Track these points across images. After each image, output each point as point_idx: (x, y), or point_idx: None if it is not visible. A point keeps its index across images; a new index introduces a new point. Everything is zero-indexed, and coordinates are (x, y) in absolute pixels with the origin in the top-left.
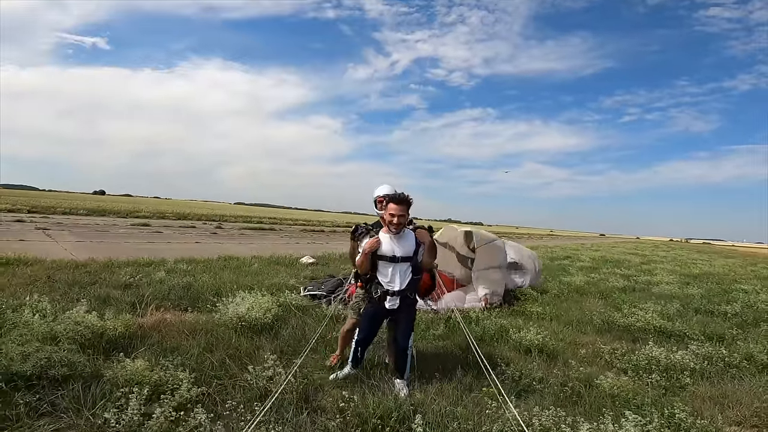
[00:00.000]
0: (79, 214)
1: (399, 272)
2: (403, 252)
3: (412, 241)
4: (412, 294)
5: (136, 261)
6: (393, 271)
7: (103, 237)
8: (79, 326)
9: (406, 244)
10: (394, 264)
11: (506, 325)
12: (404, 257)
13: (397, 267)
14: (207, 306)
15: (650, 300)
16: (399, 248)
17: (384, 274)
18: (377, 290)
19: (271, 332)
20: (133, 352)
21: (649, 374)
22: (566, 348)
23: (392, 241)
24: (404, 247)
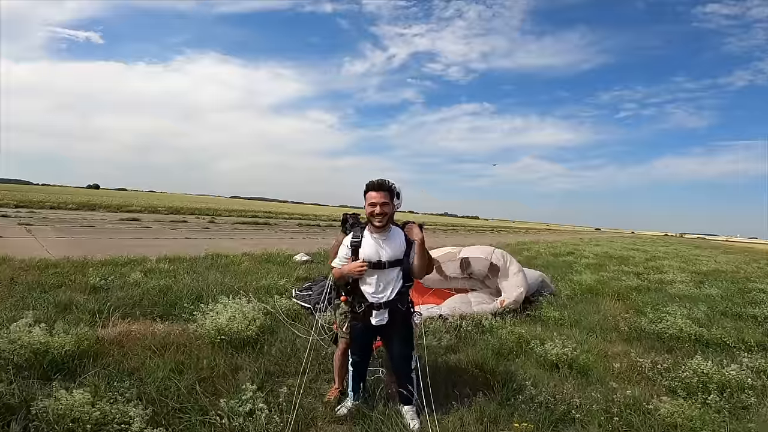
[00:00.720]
0: (68, 209)
1: (386, 280)
2: (391, 254)
3: (401, 241)
4: (405, 305)
5: (114, 260)
6: (379, 279)
7: (88, 233)
8: (14, 344)
9: (393, 244)
10: (379, 271)
11: (525, 334)
12: (392, 261)
13: (384, 274)
14: (183, 314)
15: (671, 301)
16: (385, 250)
17: (368, 283)
18: (361, 304)
19: (255, 348)
20: (83, 374)
21: (706, 394)
22: (597, 361)
23: (377, 243)
24: (392, 248)
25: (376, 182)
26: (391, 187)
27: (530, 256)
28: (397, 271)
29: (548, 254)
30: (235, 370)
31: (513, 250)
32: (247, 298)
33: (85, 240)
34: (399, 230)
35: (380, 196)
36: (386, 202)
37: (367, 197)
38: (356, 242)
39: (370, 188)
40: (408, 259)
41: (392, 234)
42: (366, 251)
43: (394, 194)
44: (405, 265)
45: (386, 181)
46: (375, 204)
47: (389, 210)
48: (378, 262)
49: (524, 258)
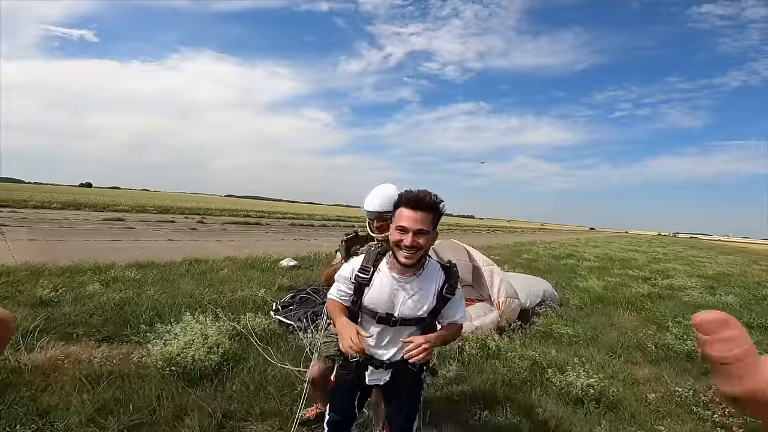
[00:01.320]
0: (52, 208)
1: (394, 337)
2: (412, 309)
3: (435, 288)
4: (416, 365)
5: (77, 266)
6: (383, 333)
7: (64, 234)
8: None
9: (421, 293)
10: (384, 326)
11: (539, 359)
12: (412, 318)
13: (393, 331)
14: (136, 336)
15: (690, 312)
16: (405, 301)
17: (367, 331)
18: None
19: (214, 381)
20: None
21: None
22: (626, 390)
23: (396, 287)
24: (417, 300)
25: (413, 195)
26: (438, 206)
27: (531, 259)
28: (414, 329)
29: (548, 257)
30: (182, 412)
31: (511, 251)
32: (215, 315)
33: (58, 242)
34: (436, 268)
35: (418, 218)
36: (424, 229)
37: (397, 216)
38: (364, 279)
39: (405, 203)
40: (434, 319)
41: (424, 277)
42: (374, 296)
43: (439, 217)
44: (429, 322)
45: (430, 195)
46: (407, 230)
47: (426, 242)
48: (388, 316)
49: (524, 261)
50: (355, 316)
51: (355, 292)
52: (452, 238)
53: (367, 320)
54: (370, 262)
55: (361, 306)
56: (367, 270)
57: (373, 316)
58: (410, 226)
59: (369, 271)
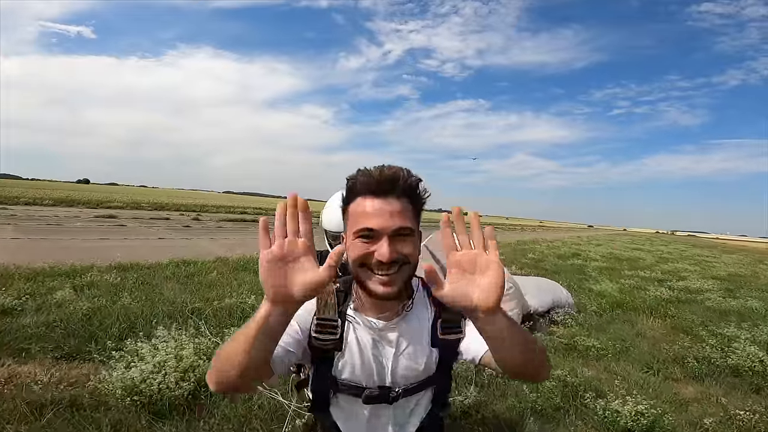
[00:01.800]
0: (44, 205)
1: (394, 417)
2: (412, 369)
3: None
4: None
5: (51, 269)
6: (376, 414)
7: (51, 232)
8: None
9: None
10: (384, 406)
11: (570, 379)
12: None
13: (391, 408)
14: (98, 354)
15: (720, 319)
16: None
17: (351, 423)
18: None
19: (186, 414)
20: None
21: None
22: (676, 413)
23: (375, 343)
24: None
25: (378, 175)
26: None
27: (536, 259)
28: (420, 397)
29: (554, 256)
30: None
31: (515, 250)
32: (196, 327)
33: (42, 241)
34: (423, 294)
35: (393, 209)
36: (407, 227)
37: (352, 214)
38: (328, 343)
39: (366, 189)
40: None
41: (416, 310)
42: (354, 364)
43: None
44: (441, 381)
45: (403, 171)
46: (372, 233)
47: (414, 250)
48: (379, 391)
49: (530, 261)
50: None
51: (318, 365)
52: None
53: (348, 402)
54: (332, 309)
55: (334, 383)
56: (333, 325)
57: (358, 395)
58: (383, 227)
59: (336, 326)
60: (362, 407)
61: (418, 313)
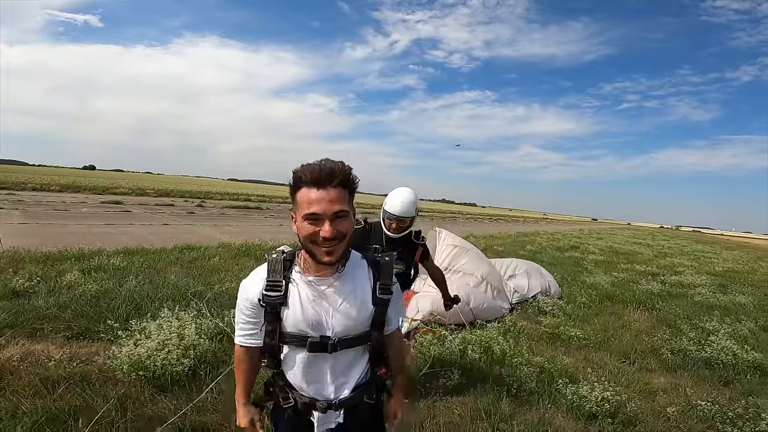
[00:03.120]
0: (51, 191)
1: (334, 367)
2: (348, 321)
3: (366, 287)
4: (375, 395)
5: (60, 253)
6: (318, 364)
7: (58, 217)
8: None
9: (352, 295)
10: (320, 354)
11: (547, 366)
12: (349, 338)
13: (330, 359)
14: (105, 333)
15: (705, 314)
16: (336, 311)
17: (298, 372)
18: (287, 395)
19: (186, 388)
20: None
21: None
22: (642, 401)
23: (317, 297)
24: (350, 305)
25: (318, 168)
26: (351, 177)
27: (534, 251)
28: (357, 352)
29: (552, 248)
30: (146, 425)
31: (514, 241)
32: (198, 310)
33: (50, 226)
34: (361, 262)
35: (332, 196)
36: (344, 210)
37: (300, 201)
38: (275, 297)
39: (309, 181)
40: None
41: (349, 273)
42: (296, 316)
43: (354, 189)
44: (375, 343)
45: (339, 163)
46: (320, 217)
47: (349, 227)
48: (320, 339)
49: (528, 253)
50: (275, 351)
51: (269, 320)
52: (454, 226)
53: (295, 351)
54: (278, 274)
55: (282, 335)
56: (278, 285)
57: (303, 344)
58: (325, 211)
59: (280, 285)
60: (305, 357)
61: (353, 275)
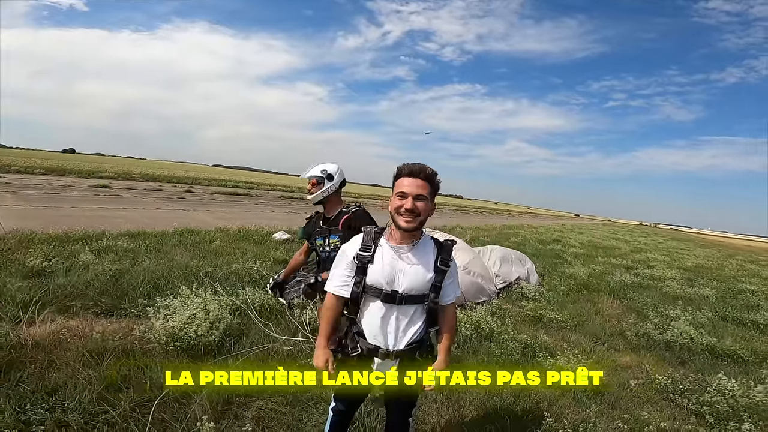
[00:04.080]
0: (36, 173)
1: (398, 320)
2: (415, 281)
3: (430, 261)
4: (424, 354)
5: (67, 235)
6: (387, 315)
7: (50, 200)
8: None
9: (418, 265)
10: (389, 305)
11: (530, 342)
12: (413, 294)
13: (396, 311)
14: (134, 309)
15: (671, 303)
16: (407, 272)
17: (370, 319)
18: (356, 345)
19: (217, 356)
20: None
21: (740, 423)
22: (610, 375)
23: (394, 256)
24: (417, 270)
25: (413, 166)
26: (435, 178)
27: (518, 242)
28: (417, 309)
29: (535, 241)
30: (190, 389)
31: (499, 233)
32: (213, 288)
33: (44, 209)
34: (430, 243)
35: (418, 184)
36: (423, 195)
37: (397, 185)
38: (365, 256)
39: (403, 173)
40: (437, 295)
41: (421, 247)
42: (377, 271)
43: (436, 191)
44: (432, 300)
45: (427, 167)
46: (406, 195)
47: (425, 208)
48: (392, 293)
49: (512, 244)
50: (357, 300)
51: (358, 273)
52: (441, 218)
53: (371, 300)
54: (370, 240)
55: (365, 286)
56: (368, 248)
57: (378, 295)
58: (410, 191)
59: (370, 248)
60: (379, 305)
61: (423, 249)
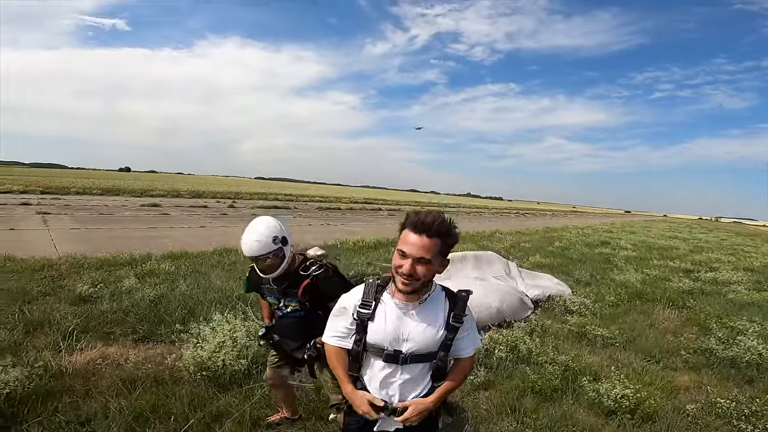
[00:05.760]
0: (93, 194)
1: (402, 378)
2: (422, 341)
3: (442, 316)
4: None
5: (114, 258)
6: (390, 374)
7: (103, 221)
8: None
9: (426, 323)
10: (393, 365)
11: (572, 364)
12: (419, 354)
13: (400, 370)
14: (170, 335)
15: (737, 313)
16: (413, 331)
17: (372, 377)
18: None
19: (243, 386)
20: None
21: None
22: (664, 399)
23: (399, 315)
24: (422, 331)
25: (421, 219)
26: (449, 232)
27: (563, 247)
28: (423, 368)
29: (582, 244)
30: (213, 420)
31: (542, 237)
32: (244, 313)
33: (98, 231)
34: (441, 296)
35: (421, 244)
36: (425, 258)
37: (401, 238)
38: (365, 314)
39: (410, 226)
40: (446, 353)
41: (430, 303)
42: (379, 330)
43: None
44: (439, 362)
45: (441, 219)
46: (406, 256)
47: (427, 272)
48: (394, 352)
49: (556, 249)
50: (358, 357)
51: (358, 330)
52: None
53: (372, 360)
54: (371, 295)
55: (365, 345)
56: (368, 304)
57: (379, 354)
58: (411, 253)
59: (370, 305)
60: (381, 365)
61: (433, 306)
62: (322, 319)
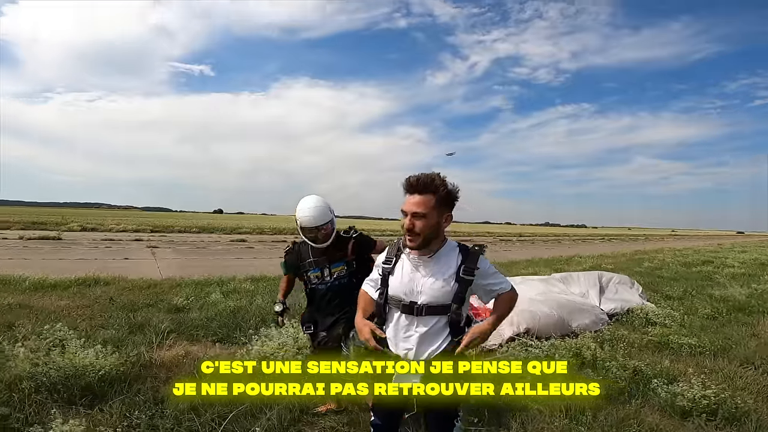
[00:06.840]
0: (192, 232)
1: (419, 331)
2: (433, 292)
3: (452, 270)
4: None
5: (206, 279)
6: (408, 326)
7: (200, 253)
8: (47, 366)
9: (438, 274)
10: (410, 316)
11: (642, 367)
12: (433, 305)
13: (417, 321)
14: (243, 338)
15: None
16: (425, 283)
17: (393, 328)
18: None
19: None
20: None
21: None
22: (757, 402)
23: (411, 267)
24: (435, 281)
25: (410, 179)
26: (435, 186)
27: (653, 267)
28: (440, 321)
29: (677, 264)
30: (266, 405)
31: (629, 260)
32: None
33: (194, 260)
34: (455, 251)
35: (415, 201)
36: (420, 212)
37: (405, 201)
38: (387, 268)
39: (404, 188)
40: (459, 307)
41: (442, 256)
42: (396, 282)
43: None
44: (456, 312)
45: (428, 176)
46: (406, 214)
47: (428, 224)
48: (410, 303)
49: (645, 269)
50: (382, 311)
51: (381, 283)
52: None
53: (394, 312)
54: (393, 253)
55: (387, 297)
56: (390, 260)
57: (398, 306)
58: (407, 209)
59: (391, 261)
60: (399, 317)
61: (445, 259)
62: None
